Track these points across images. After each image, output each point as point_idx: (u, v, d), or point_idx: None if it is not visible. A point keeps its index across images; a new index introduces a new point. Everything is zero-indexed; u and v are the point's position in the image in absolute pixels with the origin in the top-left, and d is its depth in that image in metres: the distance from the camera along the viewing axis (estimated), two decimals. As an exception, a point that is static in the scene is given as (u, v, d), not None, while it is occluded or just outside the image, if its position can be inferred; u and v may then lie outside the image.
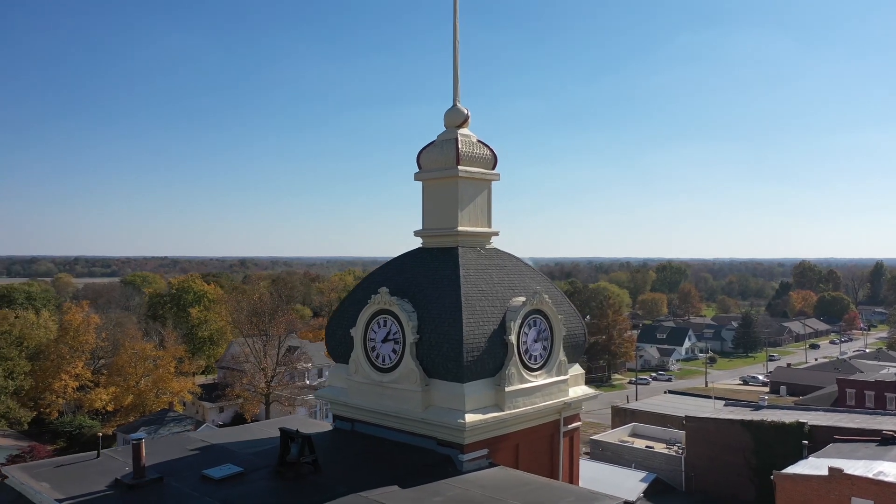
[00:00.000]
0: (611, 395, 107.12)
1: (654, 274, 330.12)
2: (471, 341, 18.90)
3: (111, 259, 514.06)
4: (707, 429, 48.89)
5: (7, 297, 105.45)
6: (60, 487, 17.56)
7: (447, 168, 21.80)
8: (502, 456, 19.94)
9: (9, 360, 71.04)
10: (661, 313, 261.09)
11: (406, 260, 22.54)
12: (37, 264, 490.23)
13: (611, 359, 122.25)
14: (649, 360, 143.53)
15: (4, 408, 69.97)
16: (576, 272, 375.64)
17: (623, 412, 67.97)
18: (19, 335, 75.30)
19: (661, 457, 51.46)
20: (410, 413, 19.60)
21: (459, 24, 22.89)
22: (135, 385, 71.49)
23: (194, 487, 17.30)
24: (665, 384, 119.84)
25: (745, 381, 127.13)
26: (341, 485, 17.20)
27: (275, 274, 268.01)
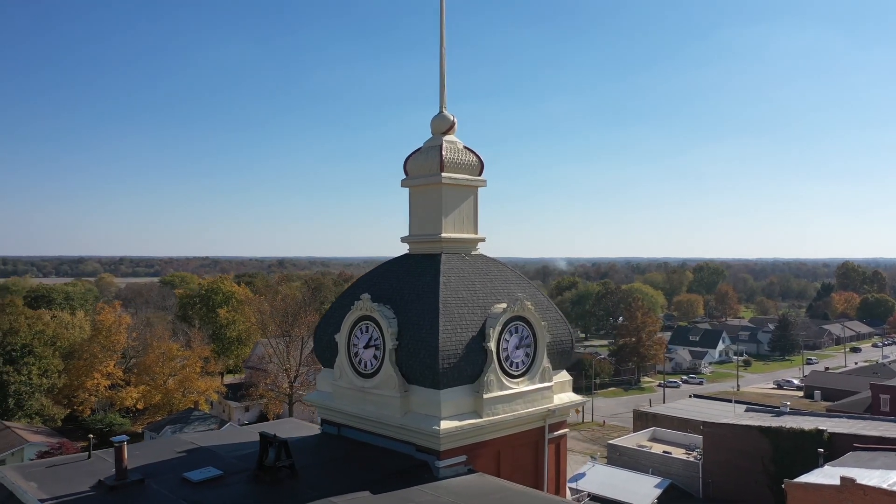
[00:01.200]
0: (638, 398, 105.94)
1: (692, 275, 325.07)
2: (447, 348, 18.95)
3: (154, 259, 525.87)
4: (725, 435, 48.04)
5: (46, 297, 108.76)
6: (46, 487, 18.12)
7: (431, 175, 21.90)
8: (482, 463, 19.95)
9: (43, 358, 73.31)
10: (696, 315, 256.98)
11: (391, 266, 22.72)
12: (83, 264, 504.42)
13: (640, 361, 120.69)
14: (680, 362, 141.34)
15: (38, 405, 72.28)
16: (612, 272, 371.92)
17: (645, 416, 67.12)
18: (53, 335, 77.61)
19: (678, 462, 50.73)
20: (390, 419, 19.76)
21: (446, 31, 22.98)
22: (162, 384, 73.18)
23: (172, 489, 17.70)
24: (696, 387, 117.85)
25: (779, 385, 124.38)
26: (314, 489, 17.43)
27: (309, 274, 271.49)
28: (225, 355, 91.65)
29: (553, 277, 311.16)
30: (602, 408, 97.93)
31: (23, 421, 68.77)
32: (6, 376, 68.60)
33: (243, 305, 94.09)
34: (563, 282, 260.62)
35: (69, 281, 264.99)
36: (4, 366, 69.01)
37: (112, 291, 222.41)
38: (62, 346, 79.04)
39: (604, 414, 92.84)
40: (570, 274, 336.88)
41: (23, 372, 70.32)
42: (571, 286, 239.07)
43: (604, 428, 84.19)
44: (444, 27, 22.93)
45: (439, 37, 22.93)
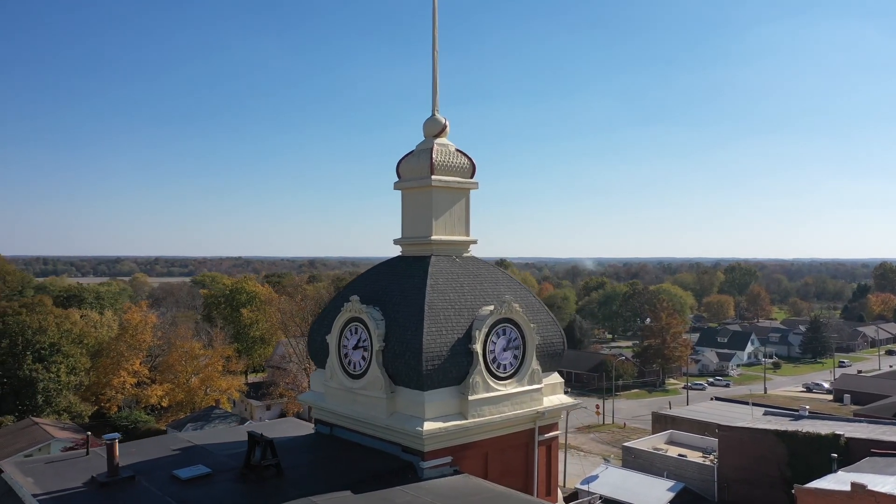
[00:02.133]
0: (662, 400, 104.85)
1: (723, 275, 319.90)
2: (431, 350, 19.10)
3: (189, 259, 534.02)
4: (740, 438, 47.35)
5: (78, 296, 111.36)
6: (42, 483, 18.70)
7: (422, 178, 22.08)
8: (469, 464, 20.04)
9: (70, 357, 75.21)
10: (727, 316, 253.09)
11: (383, 268, 22.97)
12: (120, 264, 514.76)
13: (664, 363, 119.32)
14: (707, 364, 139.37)
15: (66, 402, 74.12)
16: (642, 273, 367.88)
17: (663, 418, 66.43)
18: (80, 333, 79.55)
19: (693, 466, 50.14)
20: (376, 419, 19.99)
21: (438, 37, 23.11)
22: (185, 382, 74.56)
23: (160, 486, 18.14)
24: (722, 390, 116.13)
25: (808, 389, 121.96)
26: (298, 488, 17.73)
27: (337, 274, 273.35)
28: (248, 355, 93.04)
29: (582, 278, 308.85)
30: (624, 409, 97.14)
31: (51, 417, 70.58)
32: (35, 374, 70.56)
33: (266, 305, 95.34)
34: (590, 282, 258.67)
35: (104, 280, 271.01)
36: (33, 364, 70.99)
37: (145, 291, 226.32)
38: (90, 344, 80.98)
39: (625, 416, 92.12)
40: (598, 274, 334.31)
41: (51, 370, 72.26)
42: (599, 286, 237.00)
43: (624, 430, 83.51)
44: (436, 32, 23.08)
45: (431, 41, 23.09)
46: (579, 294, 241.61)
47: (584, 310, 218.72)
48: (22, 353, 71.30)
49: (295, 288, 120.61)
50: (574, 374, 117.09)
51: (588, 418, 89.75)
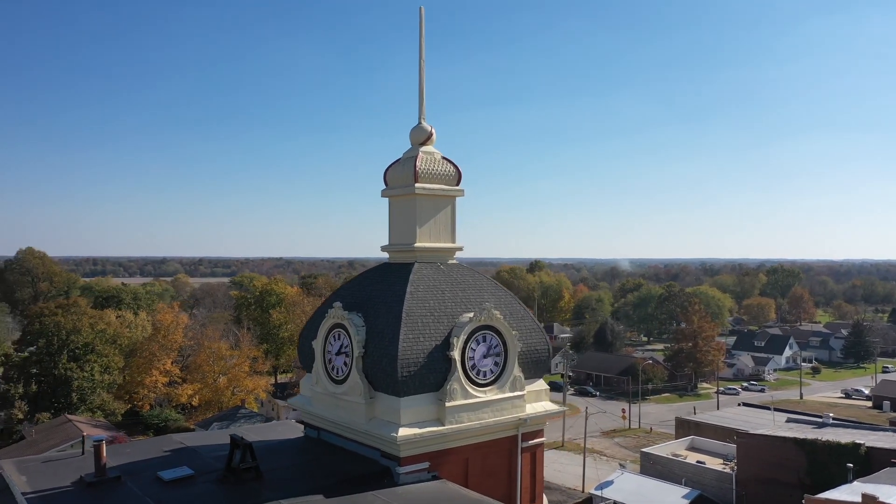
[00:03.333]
0: (693, 404, 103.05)
1: (765, 277, 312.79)
2: (407, 357, 19.31)
3: (231, 260, 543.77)
4: (759, 446, 46.45)
5: (116, 297, 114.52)
6: (34, 482, 19.44)
7: (406, 185, 22.32)
8: (448, 470, 20.19)
9: (104, 356, 77.50)
10: (768, 319, 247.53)
11: (369, 275, 23.29)
12: (166, 265, 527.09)
13: (696, 367, 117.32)
14: (742, 368, 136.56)
15: (100, 400, 76.39)
16: (683, 274, 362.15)
17: (687, 424, 65.42)
18: (114, 333, 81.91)
19: (711, 473, 49.33)
20: (357, 424, 20.29)
21: (425, 45, 23.33)
22: (213, 382, 76.19)
23: (143, 487, 18.71)
24: (756, 395, 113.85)
25: (847, 395, 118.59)
26: (273, 491, 18.13)
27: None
28: (277, 356, 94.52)
29: (620, 279, 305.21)
30: (652, 414, 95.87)
31: (85, 415, 72.82)
32: (70, 372, 72.92)
33: (294, 307, 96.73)
34: (627, 284, 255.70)
35: (147, 281, 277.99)
36: (68, 363, 73.38)
37: (187, 291, 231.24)
38: (123, 344, 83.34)
39: (653, 421, 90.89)
40: (635, 275, 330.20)
41: (85, 369, 74.57)
42: (636, 288, 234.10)
43: (650, 435, 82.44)
44: (423, 41, 23.30)
45: (418, 50, 23.30)
46: (615, 296, 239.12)
47: (618, 312, 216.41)
48: (57, 353, 73.74)
49: (327, 289, 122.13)
50: (603, 378, 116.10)
51: (614, 422, 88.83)
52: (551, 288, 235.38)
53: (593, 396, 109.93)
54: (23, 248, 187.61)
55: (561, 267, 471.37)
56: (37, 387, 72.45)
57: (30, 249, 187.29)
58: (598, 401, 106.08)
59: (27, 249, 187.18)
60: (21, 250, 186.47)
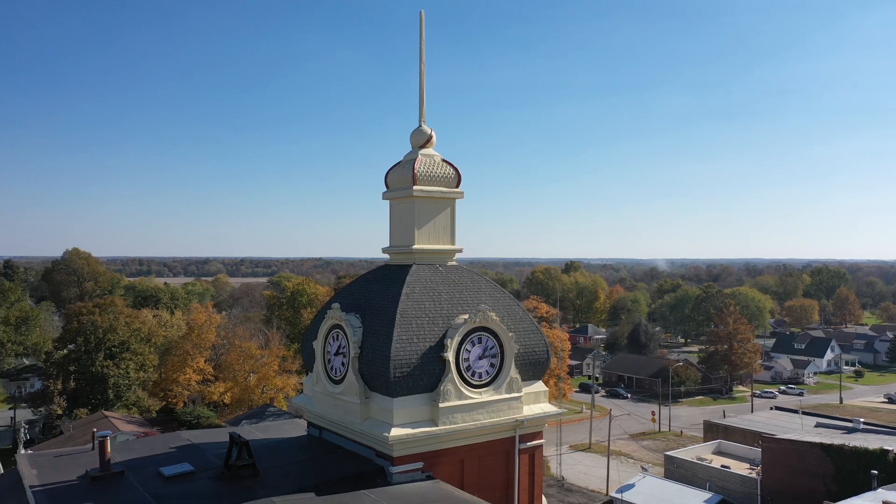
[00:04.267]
0: (727, 407, 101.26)
1: (809, 278, 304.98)
2: (399, 357, 19.52)
3: (272, 260, 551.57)
4: (784, 451, 45.46)
5: (154, 297, 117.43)
6: (43, 475, 20.19)
7: (405, 188, 22.55)
8: (444, 470, 20.32)
9: (139, 354, 79.59)
10: (811, 321, 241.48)
11: (370, 276, 23.58)
12: (209, 265, 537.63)
13: (731, 369, 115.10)
14: (781, 371, 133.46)
15: (135, 397, 78.47)
16: (724, 275, 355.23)
17: (715, 427, 64.33)
18: (149, 332, 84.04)
19: (736, 477, 48.42)
20: (353, 424, 20.59)
21: (425, 50, 23.51)
22: (243, 381, 77.60)
23: (144, 482, 19.30)
24: (795, 399, 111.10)
25: (890, 399, 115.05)
26: (266, 488, 18.52)
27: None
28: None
29: (658, 280, 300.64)
30: (684, 417, 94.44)
31: (121, 411, 74.89)
32: (106, 370, 75.07)
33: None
34: (665, 284, 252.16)
35: (189, 280, 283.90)
36: (105, 360, 75.54)
37: (226, 291, 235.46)
38: (158, 342, 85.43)
39: (684, 423, 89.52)
40: (674, 276, 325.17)
41: (121, 366, 76.68)
42: (674, 289, 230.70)
43: (680, 438, 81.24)
44: (423, 45, 23.49)
45: (419, 55, 23.50)
46: (653, 297, 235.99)
47: (655, 313, 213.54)
48: (94, 351, 75.94)
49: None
50: (635, 380, 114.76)
51: (643, 425, 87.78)
52: (586, 289, 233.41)
53: (624, 398, 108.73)
54: (69, 249, 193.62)
55: (599, 268, 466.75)
56: (75, 383, 74.72)
57: (75, 250, 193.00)
58: (628, 403, 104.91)
59: (73, 250, 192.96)
60: (67, 251, 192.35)
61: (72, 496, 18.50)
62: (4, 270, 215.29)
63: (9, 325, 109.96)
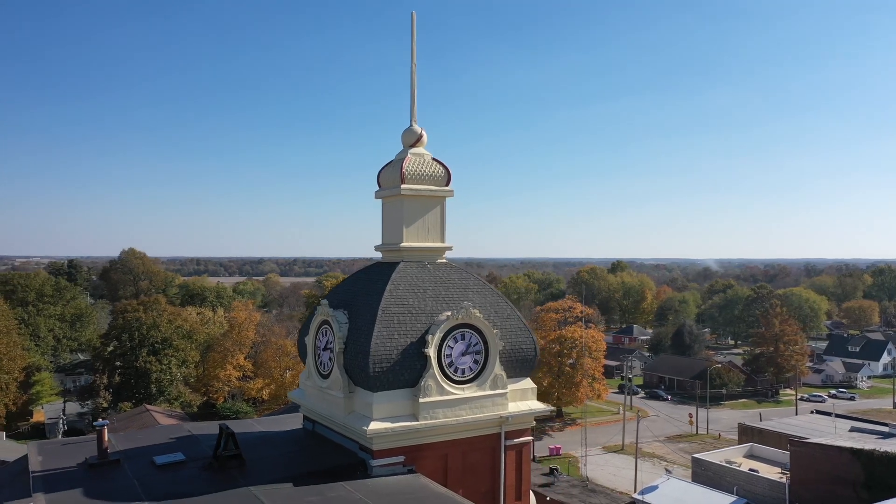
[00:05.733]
0: (771, 411, 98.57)
1: (870, 278, 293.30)
2: (379, 353, 19.88)
3: (324, 260, 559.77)
4: (813, 455, 44.13)
5: (200, 295, 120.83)
6: (47, 462, 21.25)
7: (394, 187, 22.90)
8: (426, 465, 20.57)
9: (180, 350, 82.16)
10: (870, 323, 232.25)
11: (360, 274, 24.04)
12: (263, 265, 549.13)
13: (777, 372, 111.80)
14: (832, 375, 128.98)
15: (177, 392, 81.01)
16: (782, 275, 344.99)
17: (750, 431, 62.76)
18: (190, 329, 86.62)
19: (764, 482, 47.19)
20: (338, 417, 21.07)
21: (417, 49, 23.81)
22: (279, 377, 79.32)
23: (137, 470, 20.14)
24: (845, 403, 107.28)
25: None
26: (248, 478, 19.10)
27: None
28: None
29: (711, 280, 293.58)
30: (724, 419, 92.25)
31: (163, 405, 77.48)
32: (149, 365, 77.80)
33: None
34: (716, 285, 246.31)
35: (241, 280, 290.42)
36: (148, 356, 78.30)
37: (276, 290, 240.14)
38: (199, 339, 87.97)
39: (724, 426, 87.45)
40: (728, 276, 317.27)
41: (163, 362, 79.36)
42: (725, 289, 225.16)
43: (718, 441, 79.44)
44: (414, 46, 23.79)
45: (410, 55, 23.81)
46: (703, 297, 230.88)
47: (704, 314, 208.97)
48: (138, 347, 78.73)
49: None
50: (676, 381, 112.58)
51: (681, 427, 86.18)
52: (633, 289, 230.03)
53: (664, 400, 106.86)
54: (125, 249, 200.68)
55: (651, 268, 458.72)
56: (120, 378, 77.60)
57: (131, 250, 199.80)
58: (668, 405, 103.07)
59: (129, 250, 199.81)
60: (124, 251, 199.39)
61: (66, 481, 19.43)
62: (69, 269, 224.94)
63: (64, 321, 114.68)
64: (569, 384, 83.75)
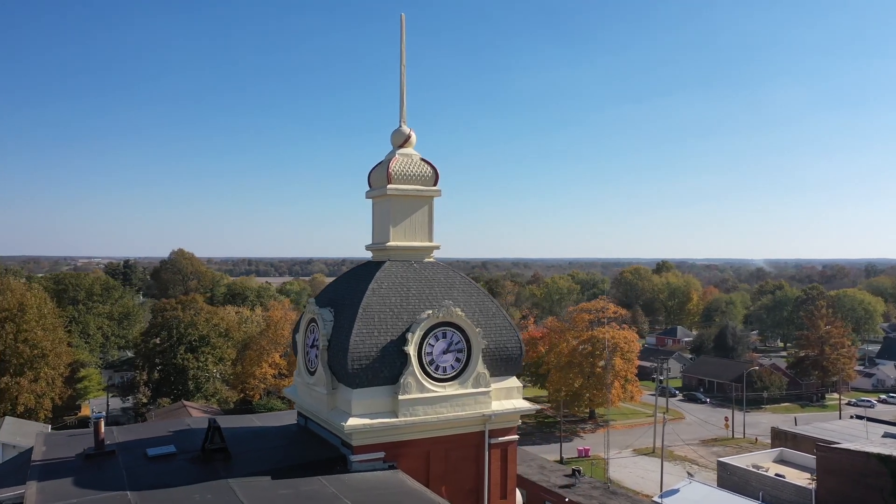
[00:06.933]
0: (815, 415, 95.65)
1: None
2: (358, 350, 20.22)
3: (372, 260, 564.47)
4: (839, 461, 42.80)
5: (241, 294, 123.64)
6: (49, 452, 22.22)
7: (381, 187, 23.24)
8: (408, 461, 20.80)
9: (217, 348, 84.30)
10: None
11: (351, 272, 24.45)
12: (311, 265, 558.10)
13: (822, 375, 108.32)
14: (883, 379, 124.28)
15: (214, 388, 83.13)
16: (840, 276, 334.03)
17: (783, 435, 61.14)
18: (227, 328, 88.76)
19: (790, 487, 45.92)
20: (322, 413, 21.49)
21: (406, 50, 24.09)
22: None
23: (128, 461, 20.92)
24: (895, 409, 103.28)
25: None
26: (230, 471, 19.67)
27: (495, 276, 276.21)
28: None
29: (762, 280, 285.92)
30: (764, 423, 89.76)
31: (200, 401, 79.62)
32: (187, 363, 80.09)
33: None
34: (766, 286, 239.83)
35: (288, 280, 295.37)
36: (185, 354, 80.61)
37: (321, 290, 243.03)
38: (236, 337, 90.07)
39: (763, 431, 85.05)
40: (780, 277, 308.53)
41: (200, 359, 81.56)
42: (775, 290, 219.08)
43: (755, 445, 77.46)
44: (403, 47, 24.07)
45: (399, 56, 24.11)
46: (753, 298, 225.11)
47: (752, 316, 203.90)
48: (176, 344, 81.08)
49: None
50: (716, 384, 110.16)
51: (717, 431, 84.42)
52: (678, 289, 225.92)
53: (702, 403, 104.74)
54: (175, 250, 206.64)
55: (702, 268, 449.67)
56: (159, 374, 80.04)
57: (180, 251, 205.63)
58: (706, 408, 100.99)
59: (178, 251, 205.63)
60: (174, 251, 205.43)
61: (61, 471, 20.31)
62: (124, 270, 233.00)
63: (113, 319, 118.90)
64: (600, 385, 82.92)
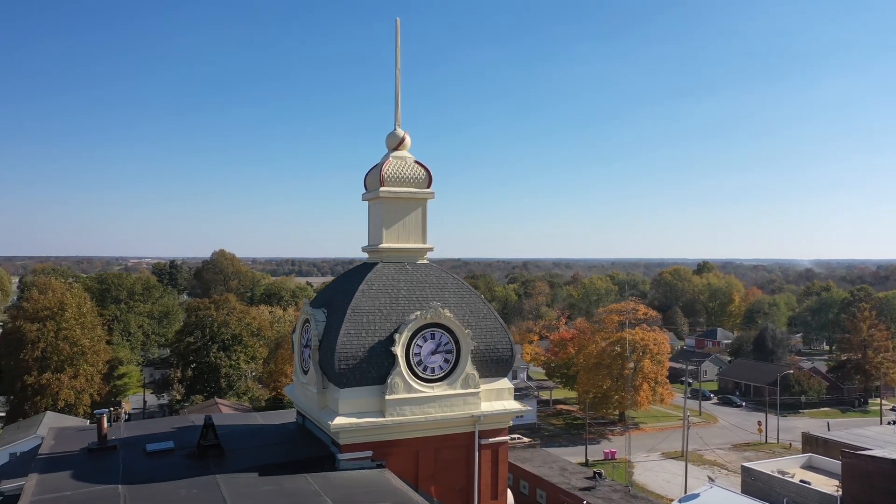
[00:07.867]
0: (855, 421, 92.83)
1: None
2: (345, 350, 20.55)
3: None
4: (865, 468, 41.55)
5: (276, 294, 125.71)
6: (56, 446, 23.12)
7: (376, 189, 23.55)
8: (397, 461, 21.05)
9: (249, 347, 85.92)
10: None
11: (346, 274, 24.83)
12: (353, 265, 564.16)
13: (864, 380, 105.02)
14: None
15: (245, 386, 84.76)
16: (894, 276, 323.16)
17: (815, 441, 59.55)
18: (258, 327, 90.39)
19: (815, 494, 44.74)
20: (314, 412, 21.94)
21: (401, 54, 24.36)
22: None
23: (127, 455, 21.64)
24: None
25: None
26: (220, 467, 20.20)
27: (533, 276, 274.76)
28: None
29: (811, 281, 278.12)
30: (800, 429, 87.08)
31: (232, 399, 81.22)
32: (219, 361, 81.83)
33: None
34: (812, 287, 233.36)
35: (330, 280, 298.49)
36: (218, 352, 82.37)
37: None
38: (267, 336, 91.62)
39: (798, 436, 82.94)
40: (830, 278, 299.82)
41: (232, 358, 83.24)
42: (821, 291, 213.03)
43: (788, 451, 75.59)
44: (398, 51, 24.34)
45: (395, 60, 24.39)
46: (799, 300, 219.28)
47: (797, 318, 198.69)
48: (209, 343, 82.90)
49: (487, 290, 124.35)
50: (752, 387, 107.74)
51: (750, 436, 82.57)
52: (720, 291, 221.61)
53: (738, 407, 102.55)
54: (216, 250, 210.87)
55: (749, 269, 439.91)
56: (193, 372, 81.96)
57: (221, 251, 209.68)
58: (741, 411, 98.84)
59: (219, 251, 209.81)
60: (215, 252, 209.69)
61: (63, 464, 21.11)
62: (170, 270, 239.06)
63: (153, 318, 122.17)
64: (629, 387, 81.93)
